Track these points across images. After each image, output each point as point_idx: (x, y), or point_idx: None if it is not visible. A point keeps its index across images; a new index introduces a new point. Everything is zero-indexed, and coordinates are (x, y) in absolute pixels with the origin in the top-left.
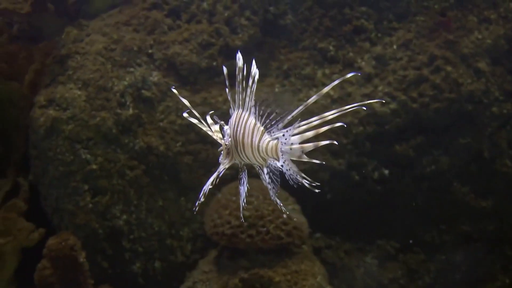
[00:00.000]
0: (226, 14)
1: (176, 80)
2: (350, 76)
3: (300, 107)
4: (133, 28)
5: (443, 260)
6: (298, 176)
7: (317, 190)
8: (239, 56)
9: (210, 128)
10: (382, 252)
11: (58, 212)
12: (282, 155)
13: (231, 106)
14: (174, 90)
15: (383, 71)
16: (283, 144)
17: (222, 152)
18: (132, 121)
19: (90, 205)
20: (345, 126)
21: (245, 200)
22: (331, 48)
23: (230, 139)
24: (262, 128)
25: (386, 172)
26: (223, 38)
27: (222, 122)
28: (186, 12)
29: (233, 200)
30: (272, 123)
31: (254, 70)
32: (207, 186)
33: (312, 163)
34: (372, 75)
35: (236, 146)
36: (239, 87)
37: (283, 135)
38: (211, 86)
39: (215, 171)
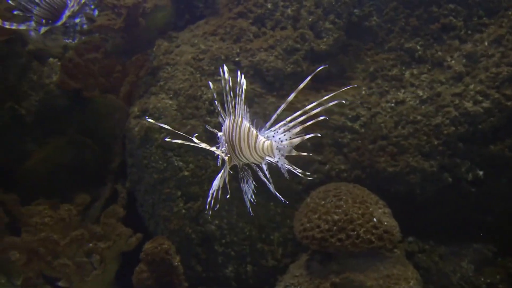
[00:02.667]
0: (310, 19)
1: (262, 86)
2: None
3: (282, 105)
4: (219, 38)
5: None
6: (291, 167)
7: (309, 178)
8: (224, 69)
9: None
10: (479, 256)
11: (154, 218)
12: (277, 151)
13: (221, 114)
14: (167, 127)
15: (474, 69)
16: (275, 141)
17: (219, 157)
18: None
19: (183, 211)
20: (327, 119)
21: (253, 197)
22: (418, 47)
23: (226, 145)
24: (255, 131)
25: (481, 173)
26: (308, 43)
27: (216, 130)
28: (271, 19)
29: (321, 204)
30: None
31: (242, 80)
32: (213, 190)
33: (410, 166)
34: (463, 73)
35: (233, 150)
36: (227, 96)
37: (273, 136)
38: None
39: (217, 175)
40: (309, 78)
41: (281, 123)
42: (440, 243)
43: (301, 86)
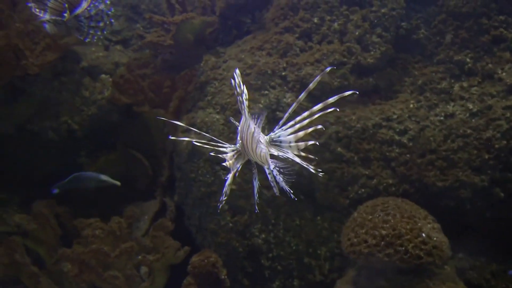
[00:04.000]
0: (357, 33)
1: (308, 100)
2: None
3: (293, 104)
4: (266, 52)
5: None
6: (304, 164)
7: (321, 174)
8: (237, 73)
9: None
10: None
11: (201, 231)
12: (272, 161)
13: (240, 111)
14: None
15: None
16: (283, 142)
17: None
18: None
19: (230, 224)
20: (323, 129)
21: (257, 195)
22: (468, 60)
23: (240, 141)
24: (257, 137)
25: None
26: (355, 56)
27: (237, 123)
28: (317, 33)
29: (369, 218)
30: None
31: (244, 91)
32: (229, 182)
33: (460, 180)
34: None
35: (244, 147)
36: (238, 98)
37: (282, 140)
38: (344, 105)
39: (231, 170)
40: (317, 78)
41: (290, 123)
42: (492, 260)
43: (311, 86)
